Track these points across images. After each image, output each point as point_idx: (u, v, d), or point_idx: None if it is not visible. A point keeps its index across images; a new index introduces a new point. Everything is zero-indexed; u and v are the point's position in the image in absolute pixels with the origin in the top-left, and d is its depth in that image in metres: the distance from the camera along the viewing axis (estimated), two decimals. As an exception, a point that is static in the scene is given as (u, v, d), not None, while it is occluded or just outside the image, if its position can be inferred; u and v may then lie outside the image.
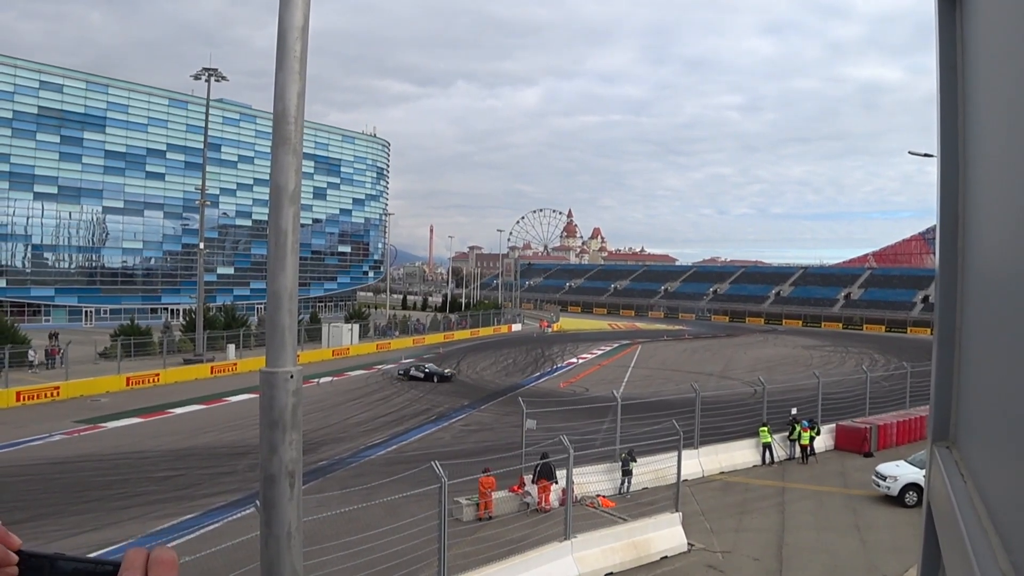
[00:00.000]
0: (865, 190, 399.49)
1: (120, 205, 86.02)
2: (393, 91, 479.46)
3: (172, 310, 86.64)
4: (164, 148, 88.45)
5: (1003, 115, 1.50)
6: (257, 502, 5.28)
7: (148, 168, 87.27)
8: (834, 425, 31.78)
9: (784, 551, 20.22)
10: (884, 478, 24.58)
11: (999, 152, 1.55)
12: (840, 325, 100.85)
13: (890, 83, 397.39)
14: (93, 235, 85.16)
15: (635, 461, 24.91)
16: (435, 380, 48.18)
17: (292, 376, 4.55)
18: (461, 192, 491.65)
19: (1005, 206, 1.47)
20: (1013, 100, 1.38)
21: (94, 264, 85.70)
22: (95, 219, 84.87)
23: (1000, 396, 1.42)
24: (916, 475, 23.81)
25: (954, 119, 1.99)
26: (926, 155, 33.97)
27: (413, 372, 49.60)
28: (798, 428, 29.46)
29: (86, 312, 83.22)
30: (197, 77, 59.93)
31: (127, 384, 44.71)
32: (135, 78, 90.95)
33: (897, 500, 23.94)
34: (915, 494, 23.65)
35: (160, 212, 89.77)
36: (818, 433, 29.85)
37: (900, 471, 24.44)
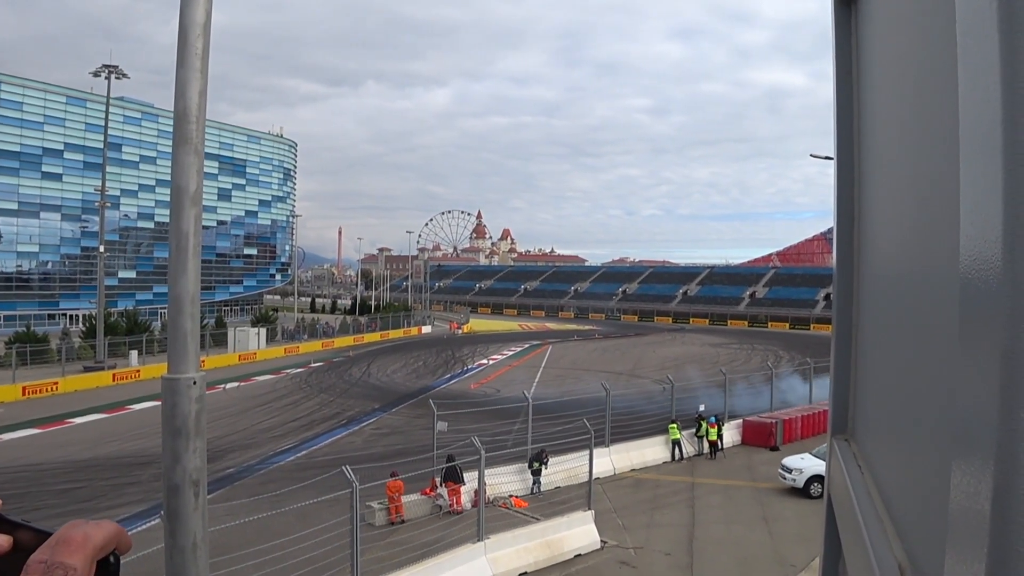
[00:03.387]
0: (769, 191, 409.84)
1: (14, 207, 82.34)
2: (302, 91, 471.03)
3: (71, 316, 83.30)
4: (62, 147, 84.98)
5: (895, 119, 1.56)
6: (161, 513, 5.15)
7: (44, 168, 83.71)
8: (741, 420, 32.53)
9: (695, 545, 20.61)
10: (790, 471, 25.28)
11: (892, 156, 1.60)
12: (746, 323, 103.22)
13: (794, 88, 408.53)
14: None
15: (542, 464, 24.98)
16: None
17: (195, 382, 4.45)
18: (371, 193, 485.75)
19: (897, 208, 1.52)
20: (905, 105, 1.44)
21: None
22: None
23: (893, 391, 1.48)
24: (821, 467, 24.47)
25: (850, 123, 2.05)
26: (827, 158, 35.05)
27: None
28: (705, 424, 30.09)
29: (-22, 319, 79.72)
30: (97, 74, 58.09)
31: (23, 394, 42.88)
32: (30, 74, 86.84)
33: (803, 492, 24.61)
34: (820, 486, 24.31)
35: (58, 214, 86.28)
36: (722, 426, 30.53)
37: (805, 464, 25.15)
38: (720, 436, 30.13)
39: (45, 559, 0.87)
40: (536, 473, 24.97)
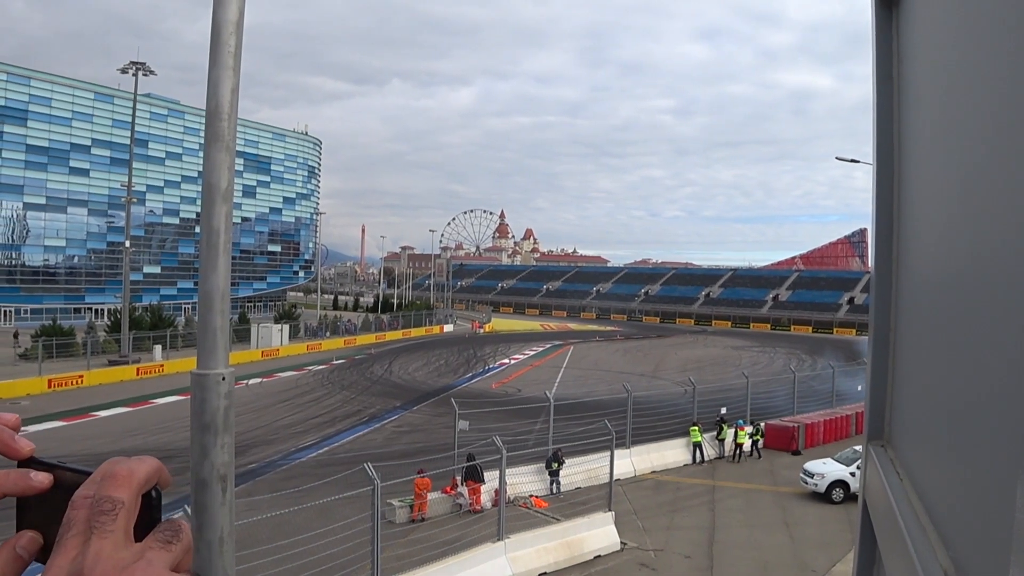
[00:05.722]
0: (794, 194, 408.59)
1: (42, 201, 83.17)
2: (327, 88, 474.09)
3: (96, 310, 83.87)
4: (89, 143, 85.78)
5: (937, 124, 1.54)
6: (186, 507, 5.17)
7: (72, 163, 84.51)
8: (763, 424, 32.38)
9: (715, 548, 20.55)
10: (811, 475, 25.14)
11: (933, 160, 1.59)
12: (768, 326, 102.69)
13: (820, 90, 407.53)
14: (13, 232, 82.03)
15: (560, 463, 24.99)
16: None
17: (224, 378, 4.43)
18: (394, 192, 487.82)
19: (937, 212, 1.51)
20: (947, 109, 1.42)
21: (14, 262, 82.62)
22: (15, 215, 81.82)
23: (933, 396, 1.46)
24: (842, 472, 24.43)
25: (889, 127, 2.04)
26: (853, 161, 34.90)
27: None
28: (726, 428, 29.99)
29: (5, 312, 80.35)
30: (124, 71, 58.62)
31: (49, 386, 43.31)
32: (59, 70, 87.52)
33: (824, 497, 24.50)
34: (841, 491, 24.26)
35: (84, 209, 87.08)
36: (762, 435, 30.47)
37: (827, 469, 25.03)
38: (755, 441, 30.05)
39: (91, 494, 0.87)
40: (554, 474, 24.97)
